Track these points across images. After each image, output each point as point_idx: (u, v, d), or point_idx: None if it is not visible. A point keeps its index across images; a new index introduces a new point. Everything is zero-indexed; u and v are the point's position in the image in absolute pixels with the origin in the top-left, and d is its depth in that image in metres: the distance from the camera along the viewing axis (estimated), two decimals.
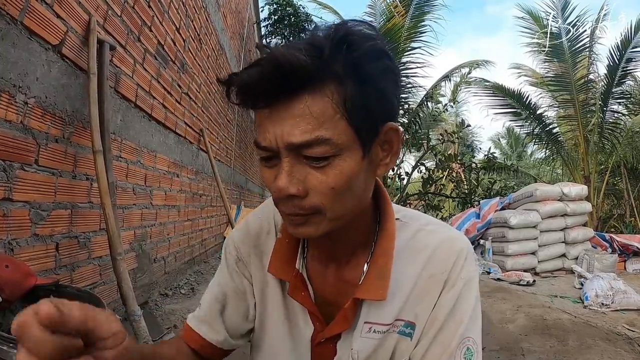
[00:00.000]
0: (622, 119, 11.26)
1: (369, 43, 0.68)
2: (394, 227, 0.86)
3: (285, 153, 0.68)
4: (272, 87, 0.65)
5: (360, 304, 0.85)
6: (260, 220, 0.98)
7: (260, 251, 0.95)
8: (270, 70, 0.63)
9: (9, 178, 1.99)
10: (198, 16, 5.26)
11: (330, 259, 0.89)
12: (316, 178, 0.69)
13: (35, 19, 2.09)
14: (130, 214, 3.47)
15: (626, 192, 11.49)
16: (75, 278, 2.61)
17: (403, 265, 0.85)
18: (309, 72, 0.64)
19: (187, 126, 5.06)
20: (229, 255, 0.99)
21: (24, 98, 2.06)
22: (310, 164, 0.68)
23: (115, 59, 3.03)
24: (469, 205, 10.51)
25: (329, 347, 0.88)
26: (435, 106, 12.45)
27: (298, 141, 0.66)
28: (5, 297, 1.63)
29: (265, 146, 0.69)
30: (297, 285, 0.88)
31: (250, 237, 0.97)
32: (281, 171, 0.69)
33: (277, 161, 0.70)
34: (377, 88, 0.69)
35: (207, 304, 0.98)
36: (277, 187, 0.69)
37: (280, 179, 0.68)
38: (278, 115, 0.67)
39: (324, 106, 0.66)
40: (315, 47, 0.65)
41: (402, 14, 10.12)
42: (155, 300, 4.02)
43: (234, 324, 0.98)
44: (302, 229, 0.74)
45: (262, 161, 0.73)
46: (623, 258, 6.88)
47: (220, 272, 1.01)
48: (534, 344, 3.46)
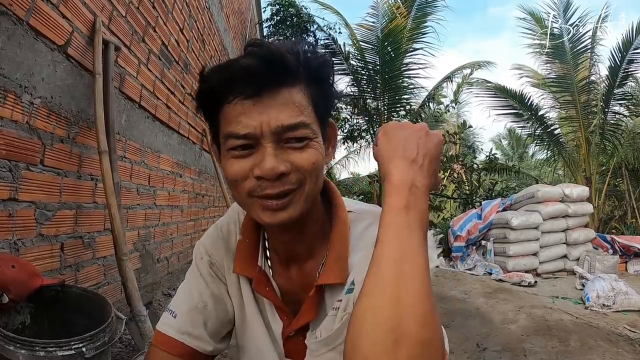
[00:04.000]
0: (624, 120, 11.23)
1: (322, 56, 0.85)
2: (346, 214, 0.92)
3: (270, 138, 0.77)
4: (266, 77, 0.75)
5: (324, 292, 0.89)
6: (228, 223, 1.04)
7: (232, 253, 0.99)
8: (266, 61, 0.75)
9: (14, 178, 2.00)
10: (201, 17, 5.27)
11: (291, 259, 0.93)
12: (298, 157, 0.79)
13: (41, 19, 2.10)
14: (134, 214, 3.47)
15: (627, 193, 11.44)
16: (80, 278, 2.61)
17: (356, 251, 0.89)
18: (292, 69, 0.78)
19: (191, 126, 5.06)
20: (200, 261, 1.03)
21: (29, 98, 2.06)
22: (292, 145, 0.79)
23: (120, 59, 3.04)
24: (471, 206, 10.51)
25: (299, 340, 0.91)
26: (437, 107, 12.46)
27: (287, 123, 0.77)
28: (12, 297, 1.64)
29: (246, 134, 0.77)
30: (261, 280, 0.93)
31: (222, 240, 1.02)
32: (266, 155, 0.76)
33: (253, 150, 0.78)
34: (328, 90, 0.86)
35: (186, 312, 0.98)
36: (266, 168, 0.76)
37: (269, 161, 0.76)
38: (264, 103, 0.76)
39: (301, 98, 0.79)
40: (294, 51, 0.79)
41: (404, 15, 10.12)
42: (158, 300, 4.03)
43: (215, 328, 1.00)
44: (282, 214, 0.80)
45: (233, 152, 0.79)
46: (624, 259, 6.88)
47: (194, 280, 1.02)
48: (535, 345, 3.46)
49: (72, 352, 1.58)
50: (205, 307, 0.99)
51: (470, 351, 3.44)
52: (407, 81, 10.96)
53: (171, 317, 0.99)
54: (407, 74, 10.83)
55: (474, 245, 7.55)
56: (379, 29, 10.50)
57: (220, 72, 0.79)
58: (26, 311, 1.84)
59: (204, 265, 1.02)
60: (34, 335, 1.69)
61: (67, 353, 1.57)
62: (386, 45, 10.23)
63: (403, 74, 10.78)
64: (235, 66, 0.76)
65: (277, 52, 0.76)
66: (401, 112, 11.41)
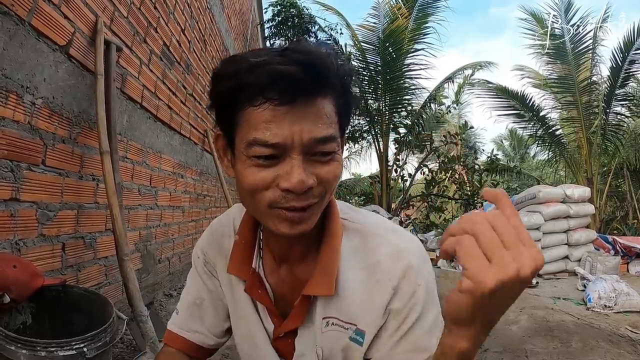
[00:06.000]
0: (625, 121, 11.23)
1: (347, 64, 0.80)
2: (339, 226, 0.90)
3: (299, 150, 0.72)
4: (305, 85, 0.70)
5: (315, 301, 0.89)
6: (222, 226, 1.05)
7: (225, 253, 1.00)
8: (309, 69, 0.69)
9: (16, 178, 2.00)
10: (203, 17, 5.28)
11: (284, 260, 0.94)
12: (324, 170, 0.76)
13: (43, 20, 2.10)
14: (135, 215, 3.48)
15: (629, 194, 11.44)
16: (81, 278, 2.62)
17: (351, 267, 0.89)
18: (330, 78, 0.73)
19: (192, 127, 5.07)
20: (197, 260, 1.07)
21: (31, 98, 2.07)
22: (319, 158, 0.75)
23: (122, 60, 3.05)
24: (472, 207, 10.51)
25: (288, 342, 0.93)
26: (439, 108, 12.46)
27: (320, 136, 0.73)
28: (13, 297, 1.64)
29: (276, 143, 0.71)
30: (254, 283, 0.94)
31: (215, 241, 1.04)
32: (295, 167, 0.72)
33: (278, 160, 0.73)
34: (351, 99, 0.81)
35: (186, 308, 1.07)
36: (295, 182, 0.72)
37: (298, 174, 0.72)
38: (297, 112, 0.71)
39: (331, 109, 0.75)
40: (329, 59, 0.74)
41: (406, 16, 10.11)
42: (159, 300, 4.03)
43: (214, 322, 1.06)
44: (301, 226, 0.78)
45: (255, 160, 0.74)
46: (626, 260, 6.86)
47: (193, 278, 1.08)
48: (537, 346, 3.46)
49: (73, 352, 1.58)
50: (202, 303, 1.05)
51: None
52: (408, 82, 10.95)
53: (175, 314, 1.08)
54: (408, 74, 10.82)
55: None
56: (380, 29, 10.50)
57: (252, 71, 0.70)
58: (27, 311, 1.85)
59: (199, 264, 1.06)
60: (35, 336, 1.69)
61: (69, 353, 1.57)
62: (387, 46, 10.23)
63: (404, 75, 10.77)
64: (273, 69, 0.69)
65: (321, 61, 0.71)
66: (402, 113, 11.40)
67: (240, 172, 0.77)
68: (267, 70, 0.69)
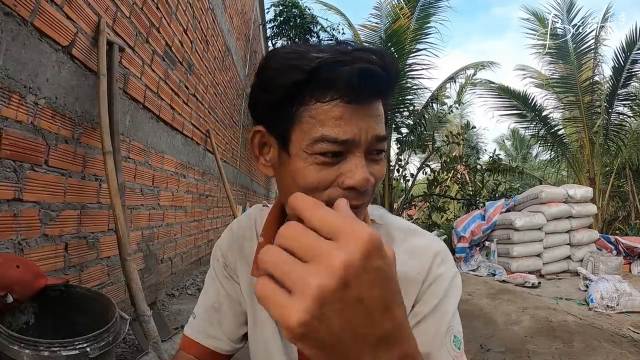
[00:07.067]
0: (628, 120, 11.19)
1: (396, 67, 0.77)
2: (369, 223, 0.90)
3: (364, 147, 0.73)
4: (378, 85, 0.72)
5: None
6: (243, 227, 1.03)
7: (245, 255, 0.99)
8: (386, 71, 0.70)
9: (19, 178, 2.00)
10: (205, 18, 5.28)
11: None
12: (377, 169, 0.77)
13: (46, 20, 2.10)
14: (138, 215, 3.48)
15: (631, 194, 11.41)
16: (83, 278, 2.62)
17: None
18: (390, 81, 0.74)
19: (194, 127, 5.07)
20: (216, 263, 1.05)
21: (34, 99, 2.07)
22: (374, 157, 0.77)
23: (124, 60, 3.05)
24: (474, 207, 10.49)
25: None
26: (441, 108, 12.42)
27: (381, 135, 0.75)
28: (16, 297, 1.65)
29: (346, 139, 0.71)
30: None
31: (236, 243, 1.02)
32: (359, 165, 0.72)
33: (341, 158, 0.73)
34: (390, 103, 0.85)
35: (203, 313, 1.04)
36: (360, 179, 0.72)
37: (363, 171, 0.72)
38: (364, 110, 0.72)
39: (384, 111, 0.77)
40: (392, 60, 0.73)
41: (408, 16, 10.09)
42: (162, 300, 4.04)
43: (231, 328, 1.03)
44: None
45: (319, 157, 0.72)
46: (628, 260, 6.86)
47: (211, 281, 1.06)
48: (539, 346, 3.46)
49: (76, 352, 1.58)
50: (220, 307, 1.03)
51: (473, 352, 3.43)
52: (410, 82, 10.91)
53: (192, 319, 1.06)
54: (410, 74, 10.79)
55: (478, 246, 7.54)
56: (383, 29, 10.49)
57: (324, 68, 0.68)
58: (30, 311, 1.85)
59: (219, 267, 1.04)
60: (38, 335, 1.69)
61: (72, 353, 1.57)
62: (389, 46, 10.21)
63: (406, 75, 10.74)
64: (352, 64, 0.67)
65: (393, 64, 0.72)
66: (404, 113, 11.39)
67: (298, 170, 0.74)
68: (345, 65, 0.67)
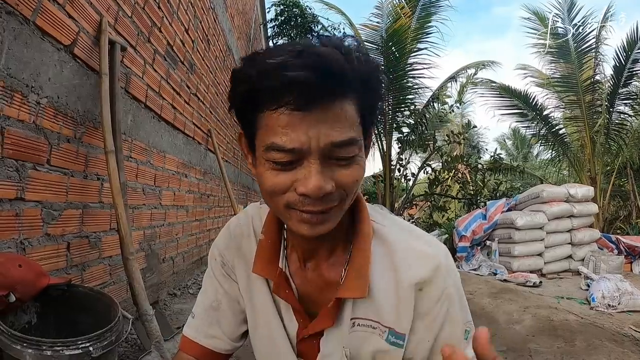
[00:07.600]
0: (629, 120, 11.18)
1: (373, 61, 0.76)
2: (370, 228, 0.89)
3: (317, 155, 0.70)
4: (320, 90, 0.67)
5: (343, 302, 0.88)
6: (241, 226, 1.02)
7: (243, 254, 0.99)
8: (322, 73, 0.66)
9: (21, 178, 2.00)
10: (206, 17, 5.28)
11: (310, 259, 0.92)
12: (343, 174, 0.74)
13: (48, 19, 2.10)
14: (139, 214, 3.49)
15: (632, 193, 11.39)
16: (85, 278, 2.62)
17: (380, 268, 0.88)
18: (348, 80, 0.70)
19: (196, 127, 5.08)
20: (214, 261, 1.04)
21: (36, 98, 2.07)
22: (339, 162, 0.73)
23: (126, 59, 3.05)
24: (475, 207, 10.50)
25: (312, 343, 0.92)
26: (442, 107, 12.42)
27: (337, 140, 0.70)
28: (19, 296, 1.65)
29: (292, 149, 0.69)
30: (281, 283, 0.92)
31: (233, 241, 1.02)
32: (313, 172, 0.70)
33: (296, 165, 0.72)
34: (377, 98, 0.79)
35: (202, 312, 1.04)
36: (311, 187, 0.70)
37: (315, 179, 0.70)
38: (314, 116, 0.69)
39: (352, 110, 0.72)
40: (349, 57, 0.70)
41: (409, 15, 10.08)
42: (164, 300, 4.04)
43: (231, 327, 1.03)
44: (320, 227, 0.77)
45: (274, 166, 0.73)
46: (629, 259, 6.86)
47: (209, 280, 1.06)
48: (541, 345, 3.46)
49: (79, 351, 1.58)
50: (219, 306, 1.02)
51: None
52: (411, 81, 10.92)
53: (191, 318, 1.05)
54: (411, 74, 10.80)
55: (479, 246, 7.54)
56: (384, 29, 10.47)
57: (265, 77, 0.68)
58: (33, 310, 1.85)
59: (217, 266, 1.03)
60: (40, 335, 1.69)
61: (74, 352, 1.57)
62: (390, 46, 10.21)
63: (407, 74, 10.75)
64: (285, 75, 0.66)
65: (335, 63, 0.67)
66: (405, 112, 11.39)
67: (260, 173, 0.76)
68: (280, 76, 0.66)
